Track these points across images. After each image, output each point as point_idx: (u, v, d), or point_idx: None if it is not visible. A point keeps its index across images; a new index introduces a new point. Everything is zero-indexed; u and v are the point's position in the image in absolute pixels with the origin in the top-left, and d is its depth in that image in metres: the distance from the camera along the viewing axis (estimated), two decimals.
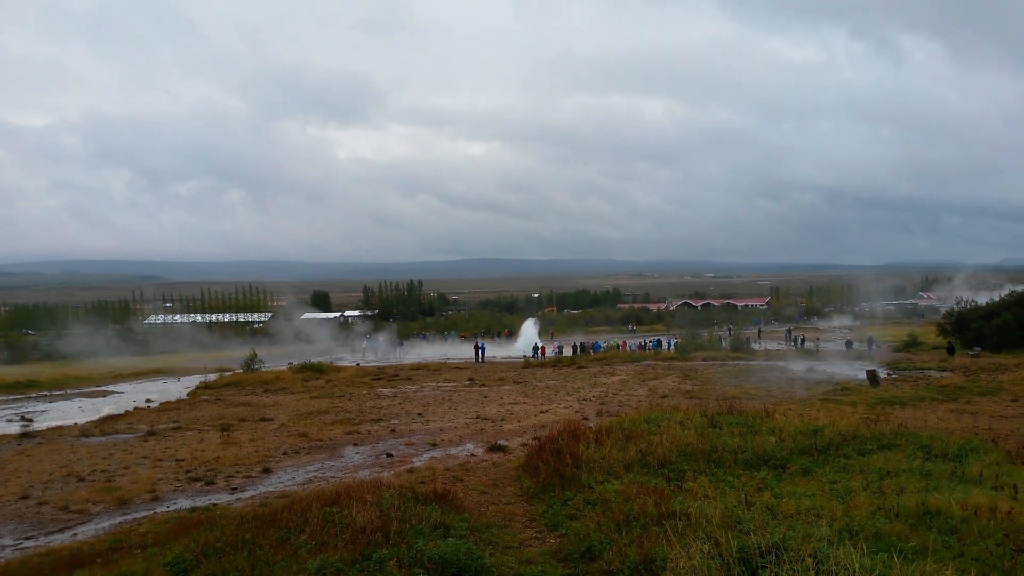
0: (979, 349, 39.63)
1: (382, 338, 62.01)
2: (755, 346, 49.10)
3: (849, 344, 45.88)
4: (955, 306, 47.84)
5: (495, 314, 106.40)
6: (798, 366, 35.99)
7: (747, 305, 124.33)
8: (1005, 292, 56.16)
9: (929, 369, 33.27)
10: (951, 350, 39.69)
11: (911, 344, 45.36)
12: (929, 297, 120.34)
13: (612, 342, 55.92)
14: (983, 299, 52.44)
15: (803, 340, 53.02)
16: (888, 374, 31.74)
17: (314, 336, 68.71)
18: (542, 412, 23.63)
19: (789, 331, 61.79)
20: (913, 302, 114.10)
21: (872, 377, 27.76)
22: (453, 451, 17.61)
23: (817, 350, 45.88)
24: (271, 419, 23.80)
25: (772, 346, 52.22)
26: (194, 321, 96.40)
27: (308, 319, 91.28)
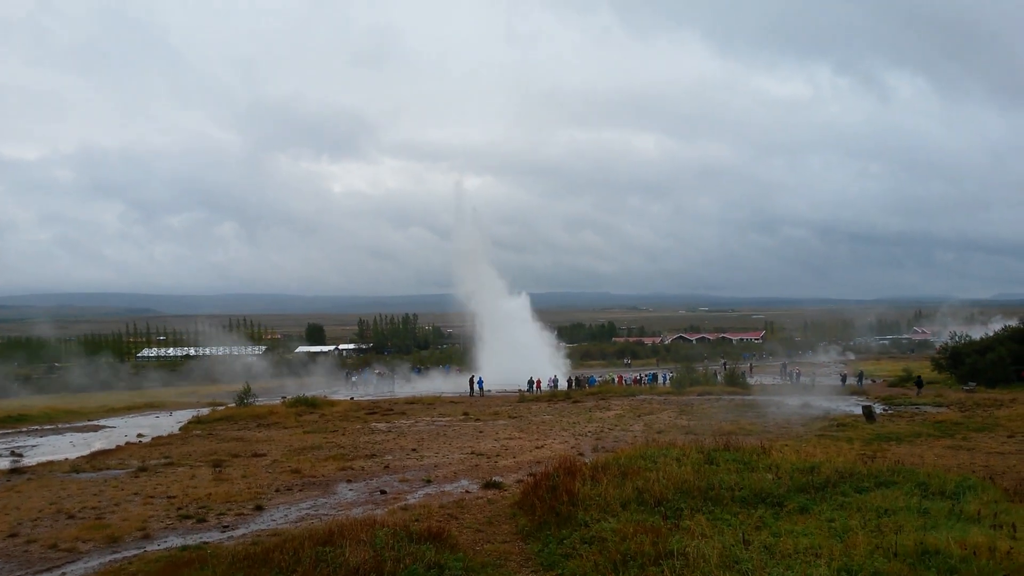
0: (974, 384, 39.63)
1: (376, 371, 61.82)
2: (750, 380, 49.02)
3: (844, 379, 45.84)
4: (949, 341, 47.91)
5: None
6: (794, 401, 35.91)
7: (742, 339, 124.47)
8: (999, 326, 56.38)
9: (925, 405, 33.22)
10: (919, 383, 40.20)
11: (906, 379, 45.31)
12: (923, 332, 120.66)
13: (607, 376, 55.78)
14: (977, 334, 52.54)
15: (799, 374, 52.97)
16: (884, 409, 31.68)
17: (307, 370, 68.35)
18: (537, 448, 23.48)
19: (784, 365, 61.78)
20: (907, 337, 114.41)
21: (868, 413, 27.70)
22: (448, 488, 17.46)
23: (814, 385, 45.82)
24: (264, 455, 23.59)
25: (767, 380, 52.17)
26: (187, 355, 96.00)
27: (303, 352, 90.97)
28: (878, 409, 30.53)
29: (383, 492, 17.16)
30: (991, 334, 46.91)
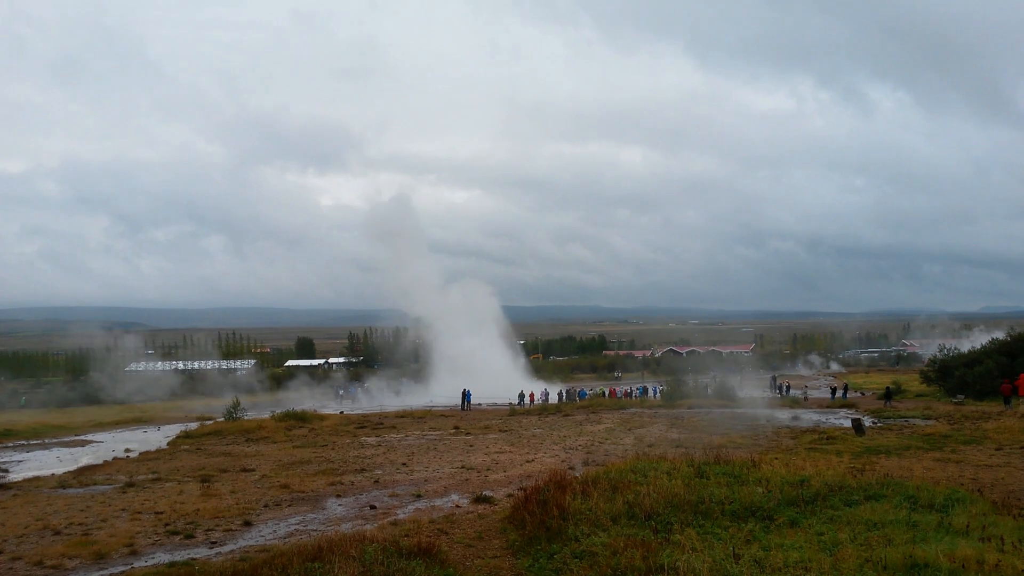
0: (963, 397, 39.84)
1: (363, 385, 61.45)
2: (740, 393, 49.14)
3: (834, 392, 46.02)
4: (938, 353, 48.18)
5: None
6: (783, 414, 36.02)
7: (732, 352, 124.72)
8: (985, 339, 56.75)
9: (914, 417, 33.34)
10: (888, 395, 40.65)
11: (895, 392, 45.54)
12: (912, 345, 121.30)
13: (598, 389, 55.80)
14: (966, 346, 52.88)
15: (788, 387, 53.13)
16: (873, 422, 31.78)
17: (297, 384, 68.02)
18: (528, 461, 23.44)
19: (774, 378, 61.95)
20: (896, 349, 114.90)
21: (858, 426, 27.77)
22: (438, 502, 17.40)
23: (805, 398, 45.96)
24: (252, 470, 23.46)
25: (757, 393, 52.28)
26: (175, 369, 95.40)
27: (292, 366, 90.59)
28: (867, 422, 30.63)
29: (373, 507, 17.08)
30: (979, 347, 47.21)
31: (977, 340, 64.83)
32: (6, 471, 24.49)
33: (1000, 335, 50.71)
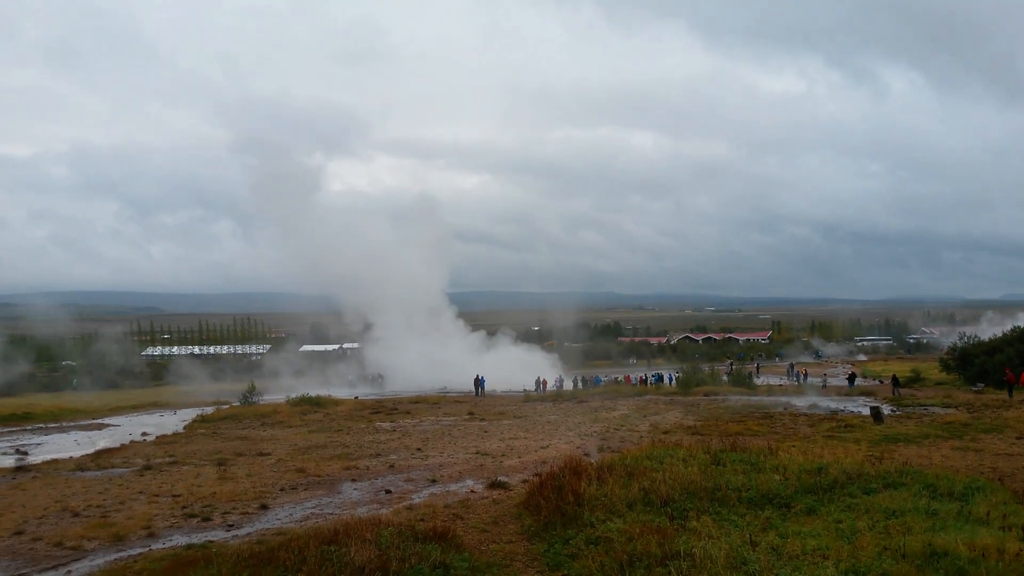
0: (983, 385, 39.45)
1: (375, 371, 61.09)
2: (757, 381, 48.90)
3: (852, 379, 45.65)
4: (958, 341, 47.70)
5: None
6: (801, 401, 35.79)
7: (748, 339, 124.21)
8: (998, 328, 56.19)
9: (933, 405, 33.05)
10: (896, 383, 40.52)
11: (914, 380, 45.17)
12: (931, 332, 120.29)
13: (613, 376, 55.70)
14: (986, 334, 52.32)
15: (806, 375, 52.81)
16: (892, 410, 31.52)
17: (312, 369, 68.21)
18: (543, 447, 23.42)
19: (791, 366, 61.63)
20: (915, 337, 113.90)
21: (876, 414, 27.56)
22: (453, 487, 17.41)
23: (823, 385, 45.65)
24: (268, 454, 23.59)
25: (774, 381, 52.03)
26: (191, 353, 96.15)
27: (307, 351, 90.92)
28: (886, 410, 30.38)
29: (388, 491, 17.13)
30: (1000, 334, 46.69)
31: (998, 328, 64.17)
32: (26, 454, 24.77)
33: (1021, 322, 50.16)
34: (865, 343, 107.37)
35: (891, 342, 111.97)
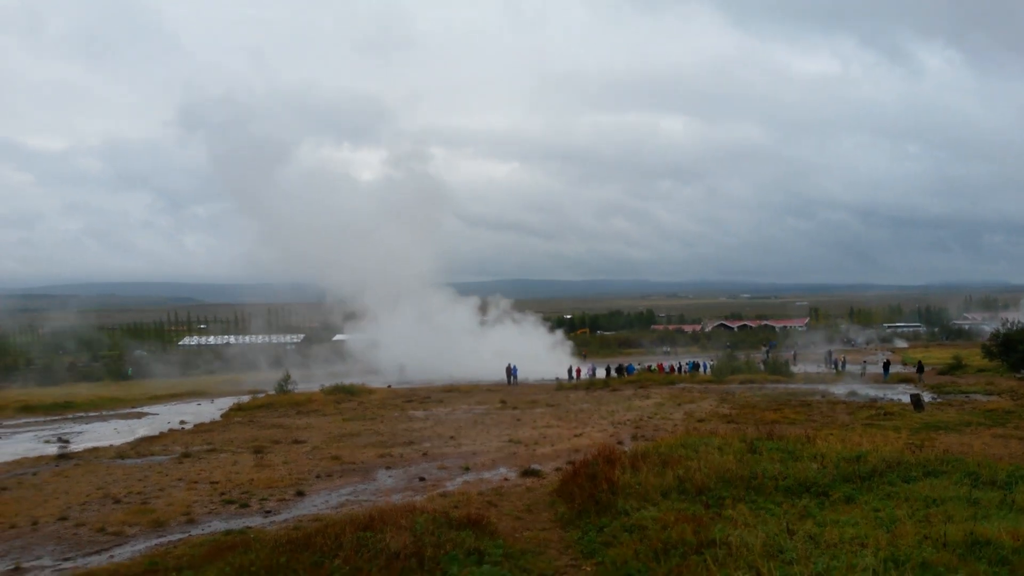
0: None
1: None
2: (793, 369, 48.29)
3: (887, 366, 44.86)
4: (1001, 327, 46.62)
5: None
6: (839, 389, 35.29)
7: (785, 327, 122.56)
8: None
9: (975, 392, 32.41)
10: (920, 369, 40.19)
11: (956, 367, 44.27)
12: (972, 318, 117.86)
13: (647, 364, 55.41)
14: None
15: (844, 362, 52.04)
16: (933, 398, 30.96)
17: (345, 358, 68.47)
18: (576, 436, 23.38)
19: (829, 353, 60.73)
20: (957, 323, 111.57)
21: (916, 401, 27.09)
22: (486, 475, 17.46)
23: (863, 373, 44.90)
24: (304, 441, 23.85)
25: (811, 369, 51.35)
26: (227, 343, 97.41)
27: (340, 340, 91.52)
28: (927, 397, 29.85)
29: (422, 479, 17.22)
30: None
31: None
32: (68, 442, 25.26)
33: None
34: (895, 330, 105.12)
35: (919, 328, 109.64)
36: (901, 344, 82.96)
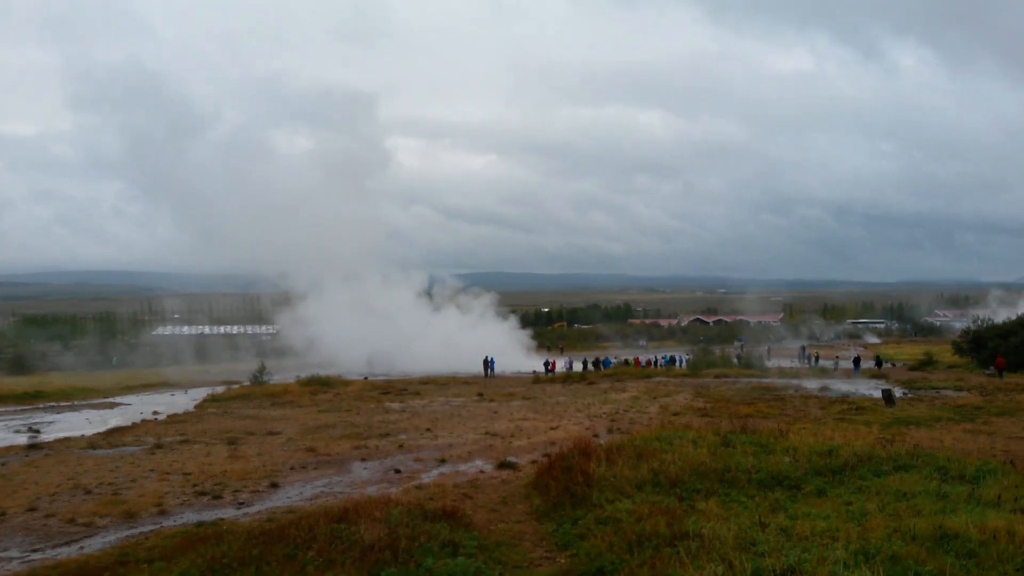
0: (996, 368, 39.20)
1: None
2: (768, 363, 48.73)
3: (857, 362, 45.38)
4: (971, 324, 47.38)
5: None
6: (812, 384, 35.68)
7: (760, 322, 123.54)
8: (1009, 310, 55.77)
9: (945, 388, 32.90)
10: (879, 363, 41.08)
11: (927, 363, 44.92)
12: (944, 315, 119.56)
13: (623, 358, 55.66)
14: (1001, 316, 51.95)
15: (817, 358, 52.59)
16: (904, 393, 31.40)
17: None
18: (552, 428, 23.45)
19: (803, 348, 61.31)
20: (928, 320, 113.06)
21: (888, 396, 27.45)
22: (462, 467, 17.47)
23: (835, 368, 45.42)
24: (278, 433, 23.72)
25: (785, 363, 51.84)
26: (201, 333, 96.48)
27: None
28: (898, 393, 30.26)
29: (397, 471, 17.20)
30: (1015, 318, 46.36)
31: (1012, 309, 63.73)
32: (38, 432, 24.95)
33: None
34: (865, 326, 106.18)
35: (891, 324, 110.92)
36: (873, 340, 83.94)
